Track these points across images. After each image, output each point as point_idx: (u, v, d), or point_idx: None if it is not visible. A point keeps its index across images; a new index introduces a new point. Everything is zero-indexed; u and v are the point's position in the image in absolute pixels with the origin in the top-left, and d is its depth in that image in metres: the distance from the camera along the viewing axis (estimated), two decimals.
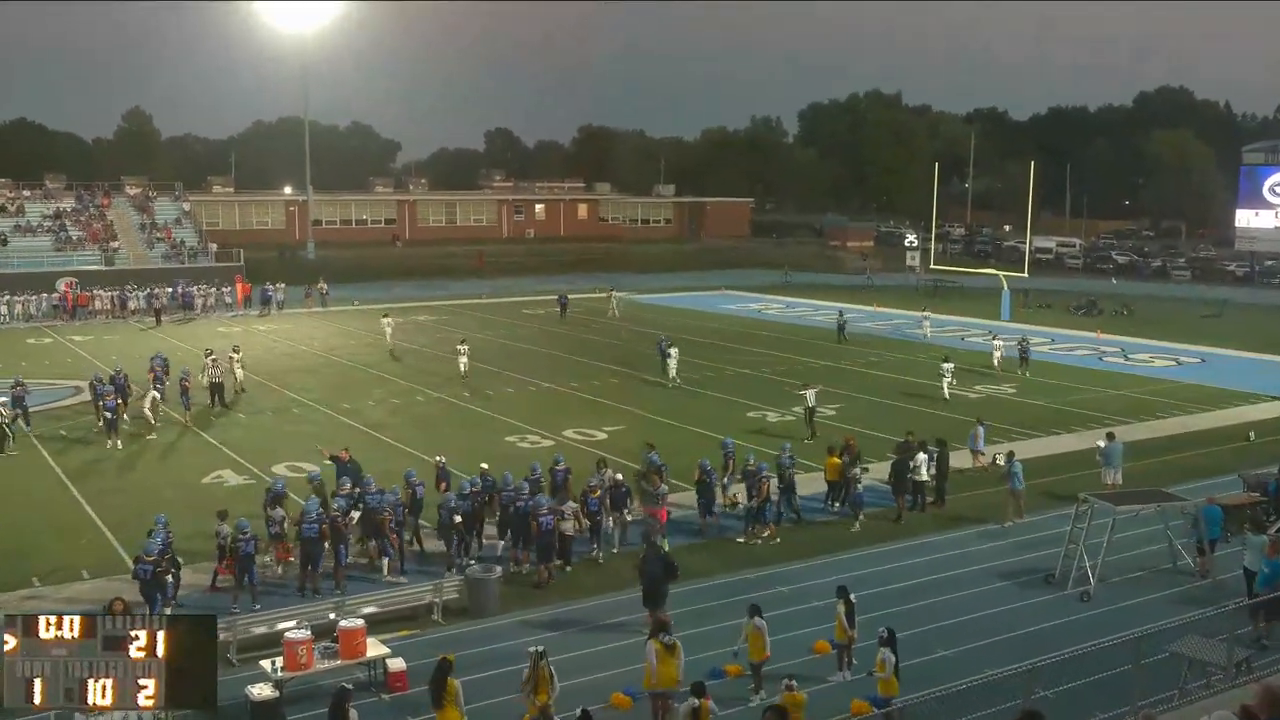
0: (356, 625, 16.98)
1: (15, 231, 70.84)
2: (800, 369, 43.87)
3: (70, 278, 64.09)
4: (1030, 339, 45.71)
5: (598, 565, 22.02)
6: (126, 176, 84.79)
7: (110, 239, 72.11)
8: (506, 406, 36.76)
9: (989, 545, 23.30)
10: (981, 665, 16.66)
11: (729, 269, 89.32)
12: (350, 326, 56.42)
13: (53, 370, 43.08)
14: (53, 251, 69.49)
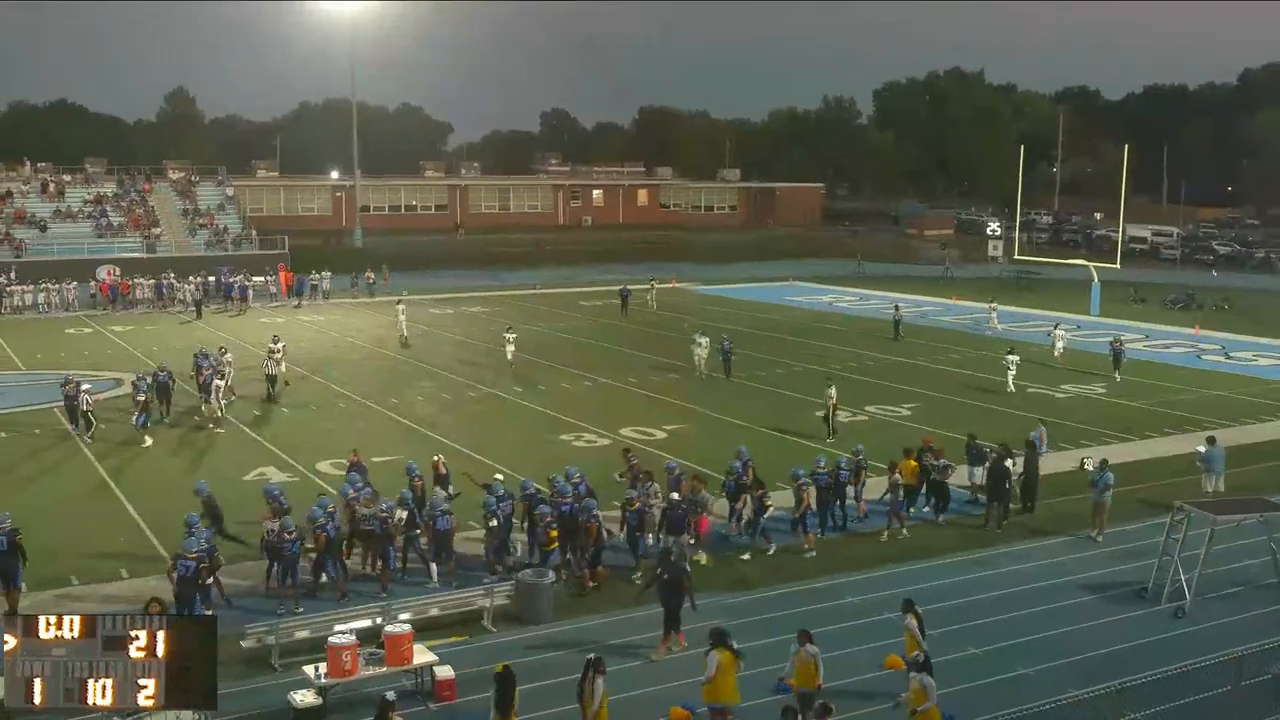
0: (403, 631, 17.13)
1: (55, 217, 72.42)
2: (872, 365, 43.63)
3: (111, 266, 65.38)
4: (1123, 336, 44.97)
5: None
6: (169, 160, 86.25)
7: (152, 225, 73.44)
8: (561, 403, 36.90)
9: (1076, 556, 22.96)
10: (1066, 685, 16.45)
11: (798, 259, 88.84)
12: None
13: (92, 362, 43.92)
14: (93, 238, 70.98)
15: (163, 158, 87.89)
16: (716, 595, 20.37)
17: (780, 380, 40.67)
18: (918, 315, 57.62)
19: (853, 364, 44.04)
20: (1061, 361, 43.93)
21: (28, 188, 75.99)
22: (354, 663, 16.59)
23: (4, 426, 33.24)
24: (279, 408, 35.88)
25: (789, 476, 24.11)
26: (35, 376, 40.75)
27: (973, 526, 24.80)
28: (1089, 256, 71.14)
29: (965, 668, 17.70)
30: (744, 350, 43.77)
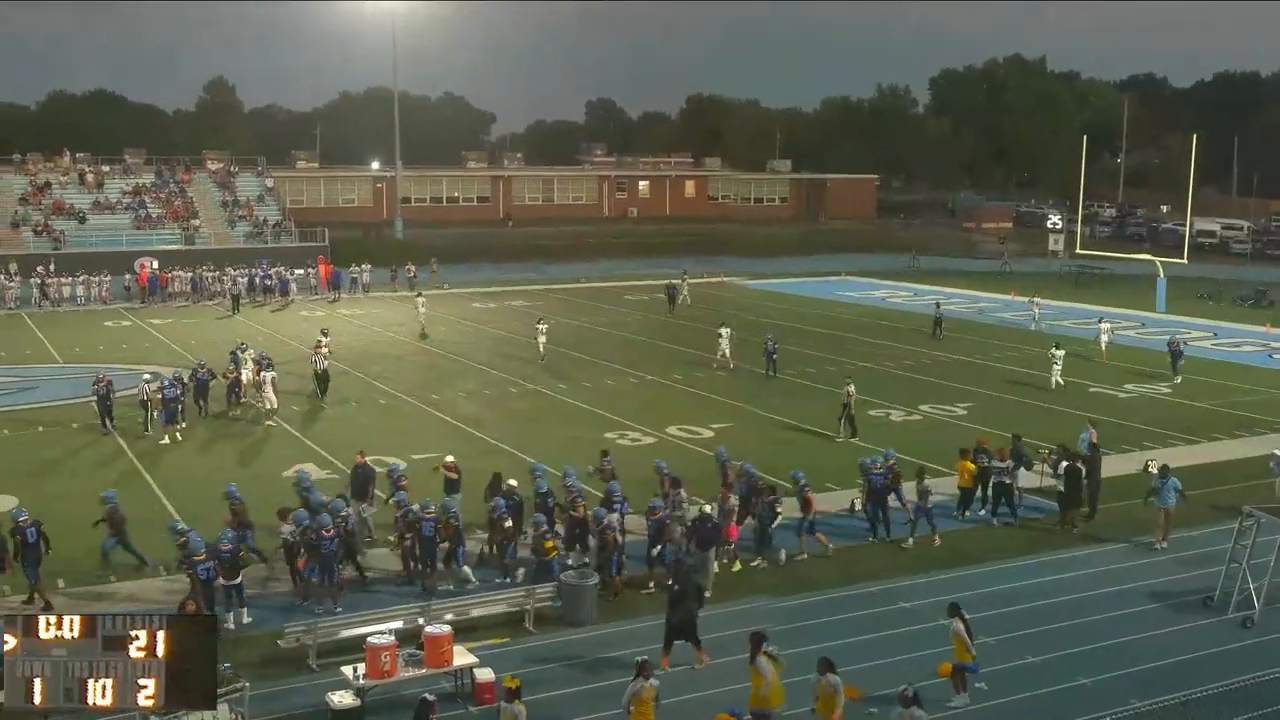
0: (443, 632, 17.24)
1: (94, 209, 73.44)
2: (927, 363, 43.39)
3: (148, 257, 66.18)
4: (1183, 336, 44.39)
5: None
6: (208, 151, 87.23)
7: (191, 217, 74.29)
8: (606, 400, 36.97)
9: (1139, 563, 22.72)
10: (1126, 696, 16.30)
11: (851, 253, 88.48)
12: (439, 311, 57.17)
13: (130, 355, 44.47)
14: (131, 230, 71.90)
15: (202, 148, 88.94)
16: (774, 599, 20.36)
17: (832, 379, 40.46)
18: (974, 311, 57.22)
19: (908, 362, 43.81)
20: (1108, 357, 44.00)
21: (66, 179, 77.09)
22: (393, 664, 16.72)
23: (41, 421, 33.72)
24: (319, 404, 36.16)
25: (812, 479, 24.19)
26: (73, 370, 41.28)
27: (1039, 529, 24.61)
28: (1154, 251, 70.23)
29: (1022, 676, 17.57)
30: (794, 348, 43.68)
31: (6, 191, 73.95)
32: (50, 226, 70.11)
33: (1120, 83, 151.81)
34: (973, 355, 45.23)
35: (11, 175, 76.53)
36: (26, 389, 38.47)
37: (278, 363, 37.46)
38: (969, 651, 16.43)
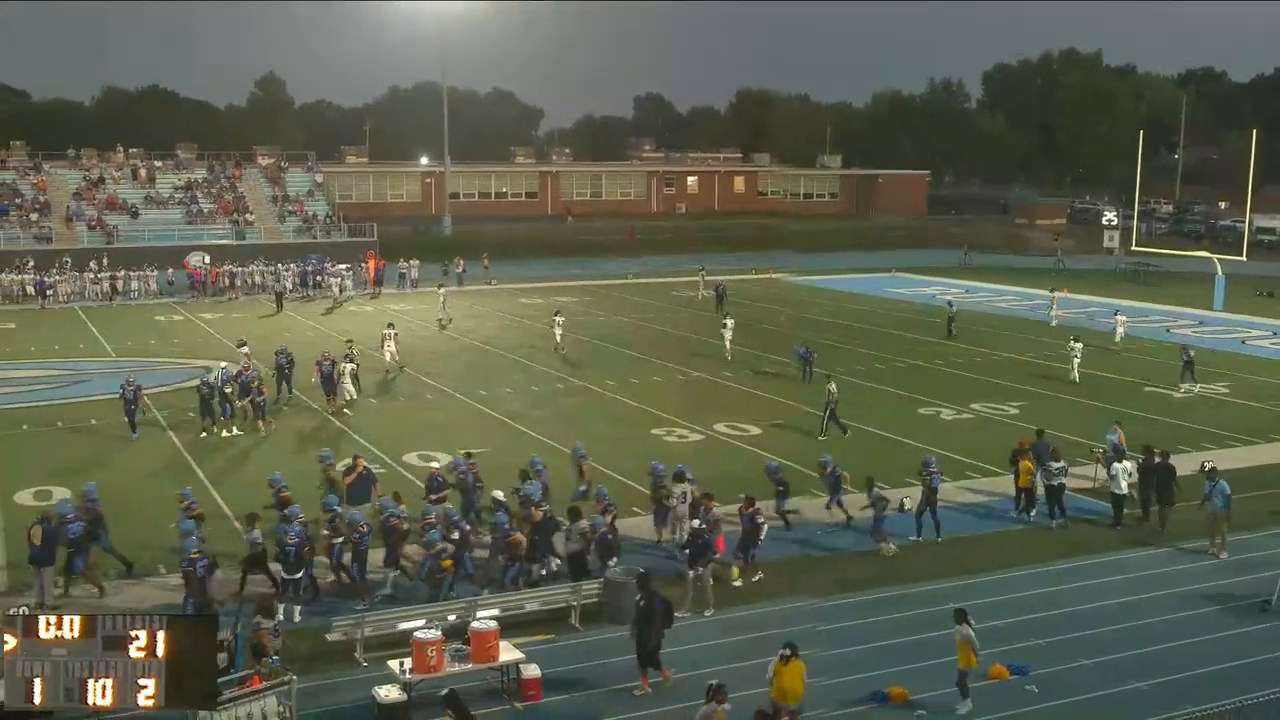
0: (489, 627, 17.31)
1: (146, 203, 74.33)
2: (979, 361, 43.03)
3: (200, 252, 66.94)
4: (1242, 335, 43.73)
5: None
6: (259, 146, 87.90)
7: (242, 212, 75.03)
8: (653, 396, 36.94)
9: (1194, 565, 22.40)
10: (1181, 701, 16.10)
11: (901, 249, 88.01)
12: (486, 307, 57.39)
13: (181, 350, 44.98)
14: (183, 224, 72.74)
15: (253, 144, 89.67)
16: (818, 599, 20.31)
17: (880, 376, 40.32)
18: (1027, 310, 56.72)
19: (959, 360, 43.47)
20: (1124, 348, 45.31)
21: (119, 174, 78.07)
22: (439, 658, 16.79)
23: (93, 414, 34.12)
24: (368, 398, 36.31)
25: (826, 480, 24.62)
26: (126, 364, 41.81)
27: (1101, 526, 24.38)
28: (1212, 248, 69.31)
29: (1075, 680, 17.39)
30: (844, 345, 43.36)
31: (61, 187, 75.03)
32: (104, 221, 71.05)
33: (1179, 77, 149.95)
34: (1024, 353, 44.82)
35: (66, 170, 77.65)
36: (80, 382, 39.02)
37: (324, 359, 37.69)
38: (974, 656, 16.28)
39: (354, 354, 36.70)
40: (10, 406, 35.32)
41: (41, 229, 69.39)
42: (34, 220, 70.24)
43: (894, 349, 45.60)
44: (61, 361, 43.06)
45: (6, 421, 33.27)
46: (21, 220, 69.99)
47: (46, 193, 73.56)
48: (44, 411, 34.55)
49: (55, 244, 67.45)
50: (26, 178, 75.29)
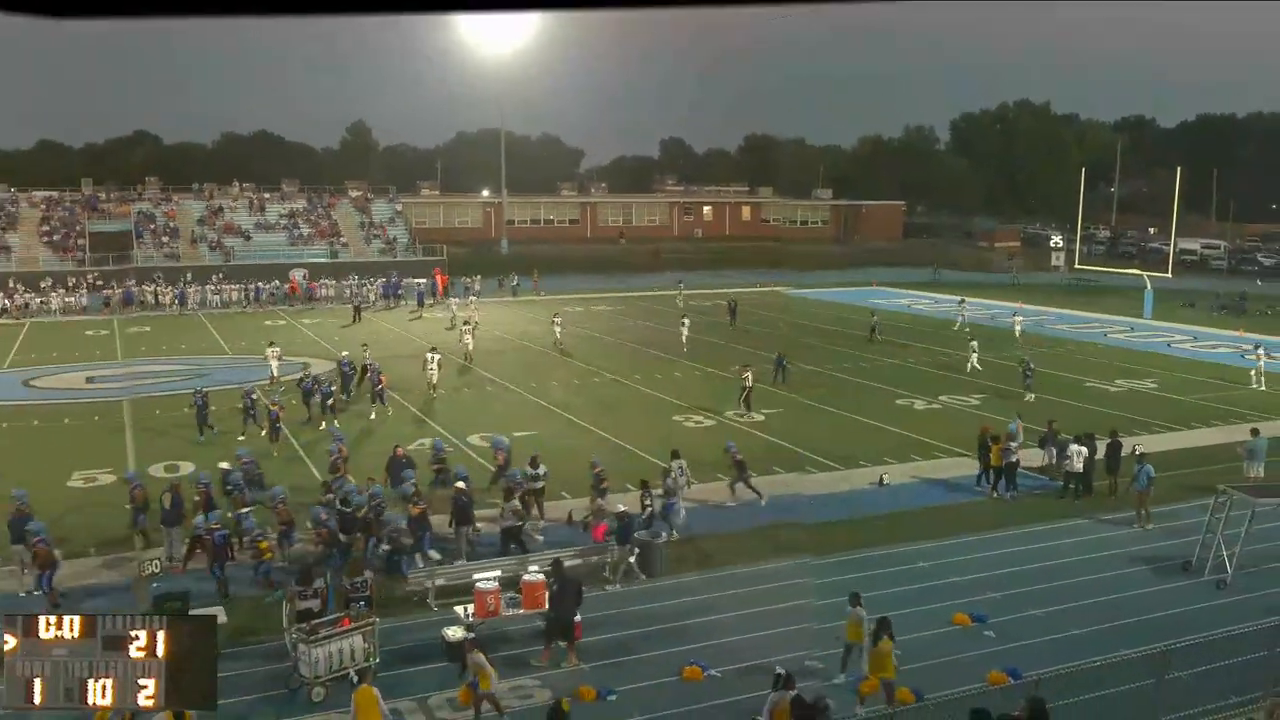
0: (538, 579, 17.37)
1: (256, 229, 74.81)
2: (945, 359, 42.81)
3: (300, 269, 67.36)
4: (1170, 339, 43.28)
5: None
6: (349, 181, 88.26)
7: (335, 235, 75.42)
8: (676, 389, 36.94)
9: (1127, 533, 22.25)
10: (1116, 645, 16.00)
11: (881, 266, 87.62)
12: (536, 314, 57.50)
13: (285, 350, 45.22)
14: (287, 246, 73.14)
15: (344, 179, 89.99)
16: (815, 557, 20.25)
17: (862, 372, 40.20)
18: (985, 318, 56.42)
19: (925, 359, 43.27)
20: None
21: (235, 204, 78.55)
22: (497, 605, 16.89)
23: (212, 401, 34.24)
24: (437, 389, 36.40)
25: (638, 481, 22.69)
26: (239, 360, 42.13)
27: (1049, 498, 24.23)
28: (1143, 266, 68.57)
29: (1026, 627, 17.34)
30: (831, 346, 43.20)
31: (187, 214, 75.57)
32: (222, 243, 71.55)
33: (1115, 123, 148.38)
34: (984, 353, 44.53)
35: (191, 201, 78.19)
36: (203, 375, 39.38)
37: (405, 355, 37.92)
38: (863, 635, 15.14)
39: (437, 351, 37.05)
40: (145, 396, 35.69)
41: (171, 249, 69.90)
42: (165, 242, 70.77)
43: (873, 349, 45.39)
44: (187, 359, 43.43)
45: (142, 407, 33.61)
46: (155, 242, 70.53)
47: (175, 220, 74.07)
48: (173, 399, 34.81)
49: (182, 262, 67.95)
50: (159, 207, 75.83)
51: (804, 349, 44.76)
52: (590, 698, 14.99)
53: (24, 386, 37.70)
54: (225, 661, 16.06)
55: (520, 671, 15.87)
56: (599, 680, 15.44)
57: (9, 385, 37.79)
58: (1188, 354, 44.92)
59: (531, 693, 15.25)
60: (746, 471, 23.96)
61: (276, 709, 14.80)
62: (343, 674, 15.36)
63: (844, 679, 15.30)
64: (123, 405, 34.19)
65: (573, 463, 24.85)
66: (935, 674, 15.26)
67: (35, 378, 39.32)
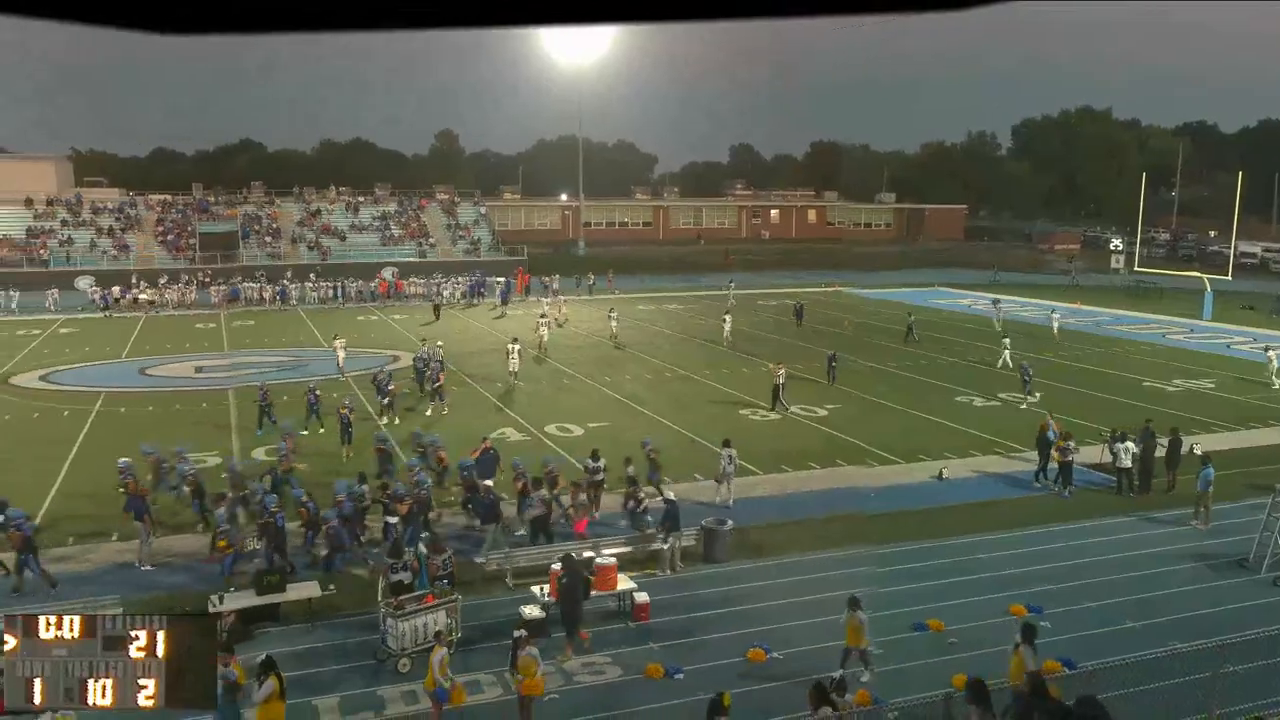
0: (610, 562, 17.45)
1: (351, 229, 76.12)
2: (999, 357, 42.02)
3: (392, 267, 68.38)
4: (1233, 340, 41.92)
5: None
6: (437, 185, 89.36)
7: (424, 236, 76.41)
8: (742, 384, 36.75)
9: (1183, 529, 21.63)
10: (1168, 639, 15.58)
11: (943, 268, 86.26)
12: (609, 312, 57.51)
13: (376, 341, 46.02)
14: (379, 246, 74.30)
15: (433, 183, 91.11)
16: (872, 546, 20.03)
17: (923, 370, 39.62)
18: (1045, 318, 55.20)
19: (987, 358, 42.48)
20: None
21: (332, 207, 79.97)
22: None
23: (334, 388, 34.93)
24: (516, 381, 36.68)
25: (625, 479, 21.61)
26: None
27: (1105, 494, 23.67)
28: (1203, 269, 66.59)
29: (1080, 618, 16.96)
30: (893, 345, 42.60)
31: (288, 216, 77.17)
32: (319, 243, 72.92)
33: (1177, 128, 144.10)
34: (1042, 353, 43.62)
35: (292, 204, 79.82)
36: (300, 365, 40.21)
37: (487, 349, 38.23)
38: (864, 639, 14.66)
39: (519, 341, 37.54)
40: (251, 384, 36.49)
41: (273, 249, 71.47)
42: (268, 242, 72.39)
43: (934, 347, 44.69)
44: (287, 350, 44.35)
45: (245, 395, 34.35)
46: (259, 242, 72.18)
47: (277, 221, 75.71)
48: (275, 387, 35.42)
49: (283, 260, 69.41)
50: (263, 210, 77.55)
51: (868, 347, 44.32)
52: (658, 675, 15.02)
53: (140, 374, 38.87)
54: (318, 632, 16.46)
55: (583, 652, 15.94)
56: (668, 659, 15.46)
57: (127, 373, 38.99)
58: (1246, 355, 43.47)
59: (603, 670, 15.33)
60: (658, 473, 22.87)
61: (365, 678, 15.08)
62: (428, 647, 15.59)
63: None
64: (228, 394, 35.04)
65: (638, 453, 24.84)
66: (991, 662, 15.00)
67: (150, 367, 40.51)
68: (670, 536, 19.13)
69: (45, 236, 69.16)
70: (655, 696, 14.49)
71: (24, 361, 40.93)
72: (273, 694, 12.72)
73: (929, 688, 14.20)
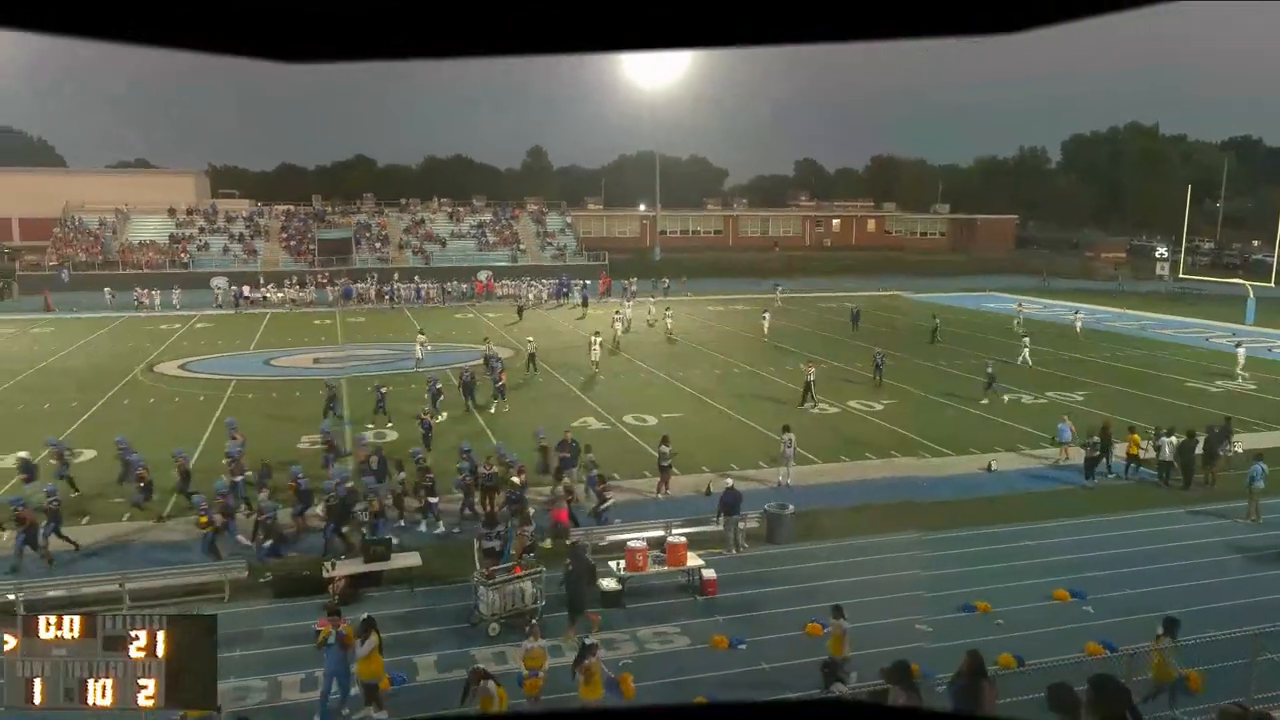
0: (680, 540, 17.45)
1: (451, 237, 77.22)
2: (1049, 358, 40.90)
3: (487, 271, 69.19)
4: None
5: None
6: (528, 197, 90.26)
7: (515, 243, 77.16)
8: (801, 380, 36.32)
9: (1225, 523, 20.83)
10: (1206, 627, 15.02)
11: (994, 274, 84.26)
12: (681, 312, 57.46)
13: (471, 337, 46.55)
14: (475, 251, 75.23)
15: (524, 195, 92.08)
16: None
17: (973, 369, 38.74)
18: (1093, 321, 53.65)
19: (1034, 356, 41.39)
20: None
21: (435, 216, 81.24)
22: (645, 562, 17.02)
23: (414, 380, 35.51)
24: (597, 370, 36.70)
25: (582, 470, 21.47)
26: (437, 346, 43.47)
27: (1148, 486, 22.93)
28: (1246, 277, 63.98)
29: (1122, 604, 16.45)
30: (947, 345, 41.78)
31: (395, 225, 78.58)
32: (423, 249, 74.10)
33: (1222, 143, 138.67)
34: (1088, 354, 42.37)
35: (399, 214, 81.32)
36: (406, 360, 40.89)
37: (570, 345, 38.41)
38: (845, 648, 13.69)
39: (599, 336, 38.44)
40: (362, 374, 37.30)
41: (382, 254, 72.84)
42: (378, 248, 73.80)
43: (988, 349, 43.65)
44: (393, 344, 45.16)
45: (358, 383, 35.08)
46: (370, 247, 73.62)
47: (386, 229, 77.14)
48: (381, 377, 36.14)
49: (390, 264, 70.70)
50: (374, 219, 79.11)
51: (922, 348, 43.50)
52: (723, 646, 14.97)
53: (265, 365, 39.98)
54: (419, 598, 16.74)
55: (654, 622, 15.98)
56: (732, 631, 15.41)
57: (254, 363, 40.12)
58: None
59: (671, 639, 15.33)
60: (553, 458, 22.46)
61: (460, 640, 15.30)
62: (515, 613, 15.75)
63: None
64: (341, 382, 35.80)
65: (708, 442, 24.81)
66: (1035, 643, 14.66)
67: (274, 357, 41.64)
68: (731, 519, 18.98)
69: (185, 242, 71.53)
70: (720, 664, 14.44)
71: (166, 352, 42.38)
72: (374, 648, 13.03)
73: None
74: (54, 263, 66.60)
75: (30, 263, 67.72)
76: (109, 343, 45.07)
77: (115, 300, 58.77)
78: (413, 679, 14.09)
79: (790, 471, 22.86)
